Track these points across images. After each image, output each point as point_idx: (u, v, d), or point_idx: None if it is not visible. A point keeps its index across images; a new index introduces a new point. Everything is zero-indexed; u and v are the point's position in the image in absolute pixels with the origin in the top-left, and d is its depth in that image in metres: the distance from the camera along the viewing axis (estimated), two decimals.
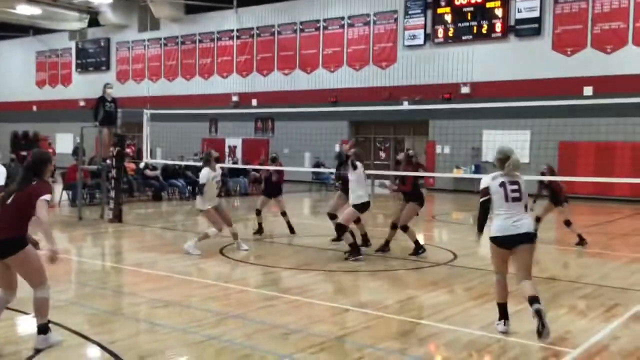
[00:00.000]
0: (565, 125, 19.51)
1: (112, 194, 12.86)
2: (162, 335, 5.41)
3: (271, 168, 12.40)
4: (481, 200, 5.75)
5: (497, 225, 5.65)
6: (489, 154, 22.67)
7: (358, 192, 9.18)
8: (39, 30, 35.27)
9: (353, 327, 5.77)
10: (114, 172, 12.80)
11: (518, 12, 22.56)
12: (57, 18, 31.89)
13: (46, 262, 4.90)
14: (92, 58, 34.84)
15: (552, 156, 20.58)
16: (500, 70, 22.72)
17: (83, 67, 35.31)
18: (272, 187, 12.27)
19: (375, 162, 26.18)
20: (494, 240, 5.67)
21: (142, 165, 18.26)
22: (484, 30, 23.25)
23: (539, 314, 5.36)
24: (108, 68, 34.04)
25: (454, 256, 9.73)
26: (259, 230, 11.86)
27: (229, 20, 29.91)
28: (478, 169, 22.90)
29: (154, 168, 18.53)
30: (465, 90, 23.51)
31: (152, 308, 6.42)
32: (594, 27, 21.27)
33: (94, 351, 5.07)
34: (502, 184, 5.65)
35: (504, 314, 5.75)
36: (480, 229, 5.87)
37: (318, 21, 27.38)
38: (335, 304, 6.66)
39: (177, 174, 19.25)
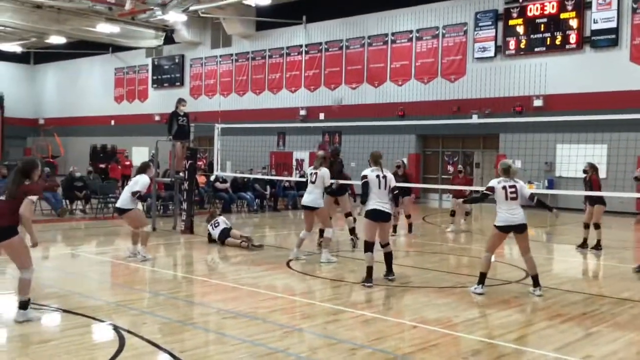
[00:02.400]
0: None
1: (184, 205, 13.22)
2: (230, 347, 5.50)
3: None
4: (484, 191, 8.08)
5: (500, 217, 7.81)
6: (563, 169, 21.97)
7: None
8: (117, 48, 36.86)
9: (421, 345, 5.68)
10: (186, 185, 13.17)
11: (594, 22, 21.81)
12: (135, 36, 33.28)
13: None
14: (167, 74, 36.09)
15: (630, 171, 19.68)
16: (575, 82, 22.00)
17: (158, 83, 36.61)
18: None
19: (442, 177, 25.83)
20: (499, 228, 7.84)
21: (212, 177, 18.71)
22: (557, 42, 22.60)
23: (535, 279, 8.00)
24: (182, 84, 35.16)
25: (526, 274, 9.43)
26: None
27: (298, 35, 30.34)
28: (552, 184, 22.21)
29: (224, 181, 18.94)
30: (537, 103, 22.88)
31: (222, 319, 6.54)
32: None
33: (162, 359, 5.20)
34: (504, 187, 7.82)
35: (482, 280, 7.92)
36: (470, 202, 9.66)
37: (386, 35, 27.37)
38: (402, 320, 6.59)
39: (246, 187, 19.60)
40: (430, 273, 9.43)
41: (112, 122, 38.70)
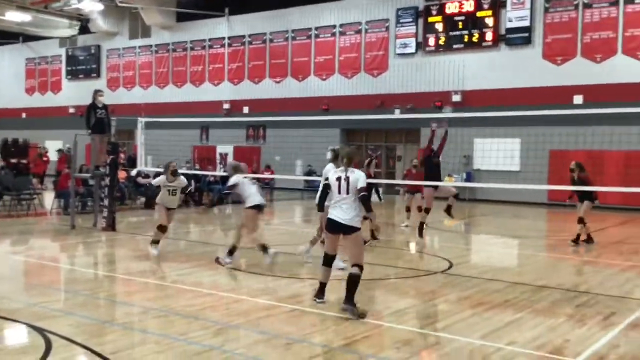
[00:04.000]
0: (553, 134, 19.67)
1: (105, 202, 12.78)
2: (163, 346, 5.38)
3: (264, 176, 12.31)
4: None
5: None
6: (480, 162, 22.85)
7: None
8: (28, 37, 35.09)
9: (353, 337, 5.76)
10: (107, 180, 12.73)
11: (509, 21, 22.77)
12: (47, 25, 31.74)
13: None
14: (83, 65, 34.72)
15: (542, 165, 20.74)
16: (491, 78, 22.89)
17: (73, 74, 35.16)
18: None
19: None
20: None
21: (134, 172, 18.16)
22: (475, 39, 23.43)
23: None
24: (98, 75, 33.93)
25: (450, 264, 9.75)
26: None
27: (220, 27, 29.94)
28: (469, 177, 23.03)
29: (146, 176, 18.42)
30: (456, 98, 23.65)
31: (152, 318, 6.38)
32: (584, 36, 21.50)
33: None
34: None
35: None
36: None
37: (310, 29, 27.48)
38: (334, 314, 6.65)
39: None
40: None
41: (24, 115, 36.85)
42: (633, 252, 11.73)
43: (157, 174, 18.91)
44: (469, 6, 23.53)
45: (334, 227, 6.71)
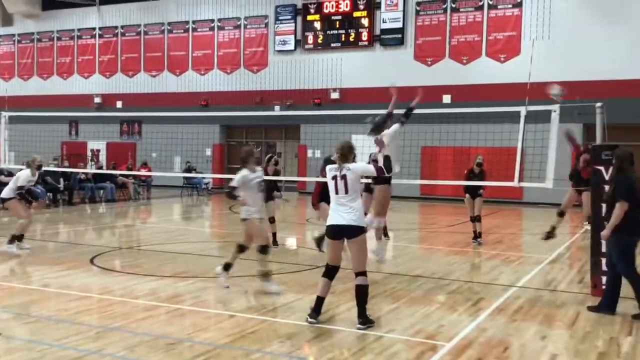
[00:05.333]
0: (426, 131, 20.65)
1: None
2: (36, 353, 5.07)
3: (140, 173, 11.82)
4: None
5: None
6: (358, 159, 23.52)
7: None
8: None
9: (239, 333, 5.76)
10: None
11: (383, 22, 23.60)
12: None
13: None
14: None
15: (415, 160, 21.73)
16: (367, 77, 23.58)
17: None
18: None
19: None
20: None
21: None
22: (351, 39, 24.06)
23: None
24: None
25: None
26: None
27: (90, 17, 28.52)
28: None
29: (9, 174, 17.17)
30: (335, 95, 24.17)
31: (23, 324, 6.00)
32: (452, 39, 22.77)
33: None
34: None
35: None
36: None
37: (187, 22, 26.89)
38: (218, 311, 6.60)
39: (36, 180, 17.97)
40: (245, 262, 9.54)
41: None
42: (497, 241, 12.64)
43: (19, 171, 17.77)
44: (345, 6, 24.11)
45: (336, 233, 6.05)
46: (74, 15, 28.77)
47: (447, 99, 22.38)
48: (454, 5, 22.68)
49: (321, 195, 9.66)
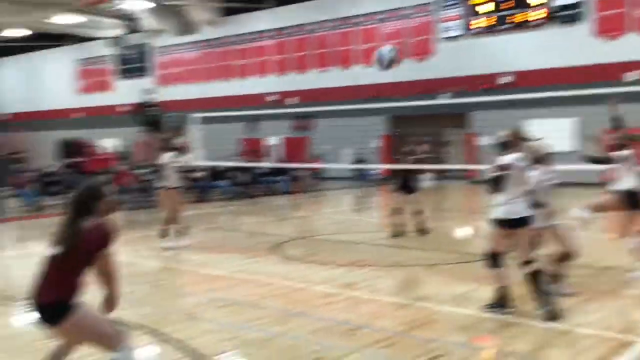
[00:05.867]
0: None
1: None
2: (229, 334, 5.54)
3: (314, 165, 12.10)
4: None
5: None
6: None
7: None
8: (79, 39, 36.08)
9: (416, 322, 5.81)
10: None
11: None
12: (97, 26, 32.62)
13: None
14: (132, 64, 35.52)
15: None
16: (542, 58, 22.36)
17: (123, 73, 36.01)
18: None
19: (415, 157, 26.04)
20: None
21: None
22: (523, 19, 22.92)
23: None
24: (148, 73, 34.64)
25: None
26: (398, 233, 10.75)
27: (265, 20, 30.15)
28: None
29: (199, 170, 18.82)
30: (505, 80, 23.22)
31: (215, 307, 6.56)
32: (636, 11, 20.76)
33: (169, 348, 5.20)
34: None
35: None
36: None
37: (353, 17, 27.41)
38: (395, 299, 6.71)
39: (221, 175, 19.52)
40: (417, 252, 9.59)
41: (76, 115, 37.99)
42: None
43: (210, 169, 19.29)
44: None
45: (511, 224, 5.87)
46: (251, 19, 30.61)
47: (631, 76, 20.48)
48: None
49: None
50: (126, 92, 34.58)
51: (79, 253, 3.72)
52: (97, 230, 3.77)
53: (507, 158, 5.97)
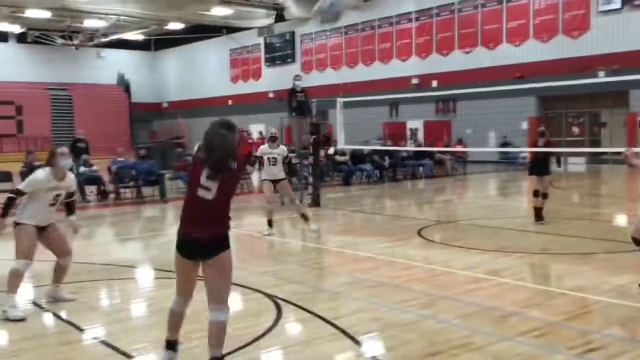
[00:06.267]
0: None
1: (310, 180, 13.59)
2: (379, 314, 5.67)
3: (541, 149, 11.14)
4: None
5: None
6: None
7: None
8: (231, 30, 38.04)
9: (572, 312, 5.57)
10: (311, 159, 13.52)
11: None
12: (247, 17, 34.15)
13: None
14: (279, 52, 36.84)
15: None
16: None
17: (271, 61, 37.47)
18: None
19: (567, 139, 24.64)
20: None
21: (331, 151, 19.03)
22: None
23: None
24: (294, 60, 35.76)
25: None
26: (539, 216, 10.57)
27: (407, 2, 29.86)
28: None
29: (343, 154, 19.22)
30: None
31: (363, 287, 6.73)
32: None
33: (320, 324, 5.43)
34: None
35: None
36: None
37: None
38: (548, 287, 6.47)
39: (364, 159, 19.76)
40: (569, 239, 9.14)
41: (230, 102, 40.18)
42: None
43: (354, 152, 19.61)
44: None
45: None
46: (393, 2, 30.46)
47: None
48: None
49: None
50: (273, 79, 35.99)
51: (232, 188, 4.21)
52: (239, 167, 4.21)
53: None
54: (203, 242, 4.05)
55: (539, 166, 10.75)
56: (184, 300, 4.29)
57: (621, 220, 11.41)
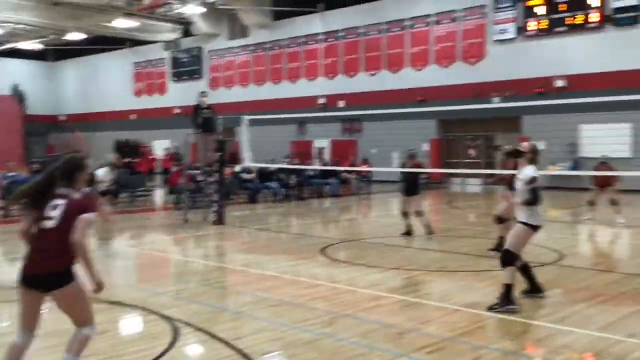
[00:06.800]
0: None
1: (215, 197, 13.39)
2: (278, 334, 5.62)
3: (364, 169, 12.38)
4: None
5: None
6: (587, 150, 21.85)
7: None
8: (135, 42, 37.09)
9: (466, 327, 5.77)
10: (216, 176, 13.32)
11: (616, 0, 21.56)
12: (153, 30, 33.48)
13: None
14: (186, 67, 36.27)
15: None
16: (597, 62, 21.80)
17: (177, 76, 36.81)
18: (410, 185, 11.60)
19: (465, 161, 25.79)
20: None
21: (238, 168, 18.88)
22: (578, 21, 22.38)
23: None
24: (201, 76, 35.32)
25: (561, 256, 9.45)
26: (408, 232, 11.56)
27: (315, 24, 30.32)
28: (577, 166, 22.09)
29: (249, 171, 19.10)
30: (559, 84, 22.71)
31: (264, 307, 6.66)
32: None
33: (217, 346, 5.32)
34: None
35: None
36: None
37: (403, 20, 27.27)
38: (443, 304, 6.67)
39: (271, 177, 19.73)
40: (465, 257, 9.50)
41: (133, 117, 39.02)
42: None
43: (260, 170, 19.55)
44: None
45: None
46: (301, 23, 30.82)
47: None
48: None
49: None
50: (179, 94, 35.35)
51: (67, 220, 3.93)
52: (82, 199, 4.07)
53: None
54: (40, 275, 3.94)
55: (407, 187, 11.55)
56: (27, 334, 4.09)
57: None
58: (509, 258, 6.37)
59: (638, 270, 8.49)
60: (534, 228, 6.37)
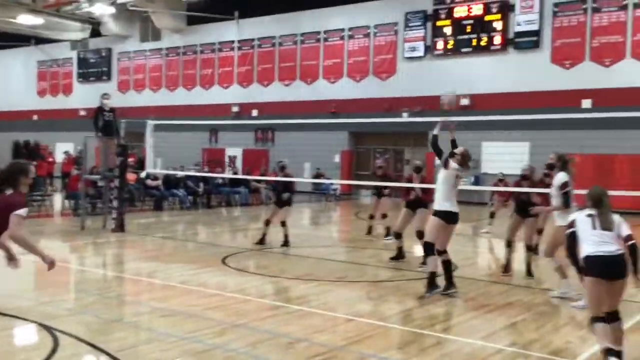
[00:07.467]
0: (563, 138, 19.62)
1: (115, 203, 12.94)
2: (167, 345, 5.48)
3: (277, 179, 12.54)
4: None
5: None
6: (487, 166, 22.85)
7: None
8: (40, 40, 35.44)
9: (356, 337, 5.84)
10: (116, 182, 12.88)
11: (517, 25, 22.76)
12: (59, 28, 32.09)
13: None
14: (94, 68, 35.00)
15: None
16: (500, 82, 22.88)
17: (84, 77, 35.46)
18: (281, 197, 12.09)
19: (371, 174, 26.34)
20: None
21: (143, 175, 18.34)
22: (483, 43, 23.44)
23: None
24: (109, 78, 34.19)
25: (455, 267, 9.77)
26: (261, 241, 11.86)
27: (230, 31, 30.11)
28: (478, 181, 23.03)
29: (155, 178, 18.62)
30: (464, 102, 23.66)
31: (157, 317, 6.49)
32: (593, 40, 21.46)
33: (101, 358, 5.13)
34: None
35: None
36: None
37: (319, 33, 27.58)
38: (337, 314, 6.73)
39: (178, 184, 19.33)
40: (365, 268, 9.65)
41: (35, 117, 37.19)
42: None
43: (167, 177, 19.12)
44: (477, 10, 23.54)
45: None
46: (216, 29, 30.51)
47: (587, 103, 21.14)
48: (595, 5, 21.37)
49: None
50: (86, 96, 34.03)
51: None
52: (10, 195, 4.61)
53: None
54: None
55: (278, 198, 12.04)
56: None
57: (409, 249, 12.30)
58: None
59: (527, 282, 8.92)
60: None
